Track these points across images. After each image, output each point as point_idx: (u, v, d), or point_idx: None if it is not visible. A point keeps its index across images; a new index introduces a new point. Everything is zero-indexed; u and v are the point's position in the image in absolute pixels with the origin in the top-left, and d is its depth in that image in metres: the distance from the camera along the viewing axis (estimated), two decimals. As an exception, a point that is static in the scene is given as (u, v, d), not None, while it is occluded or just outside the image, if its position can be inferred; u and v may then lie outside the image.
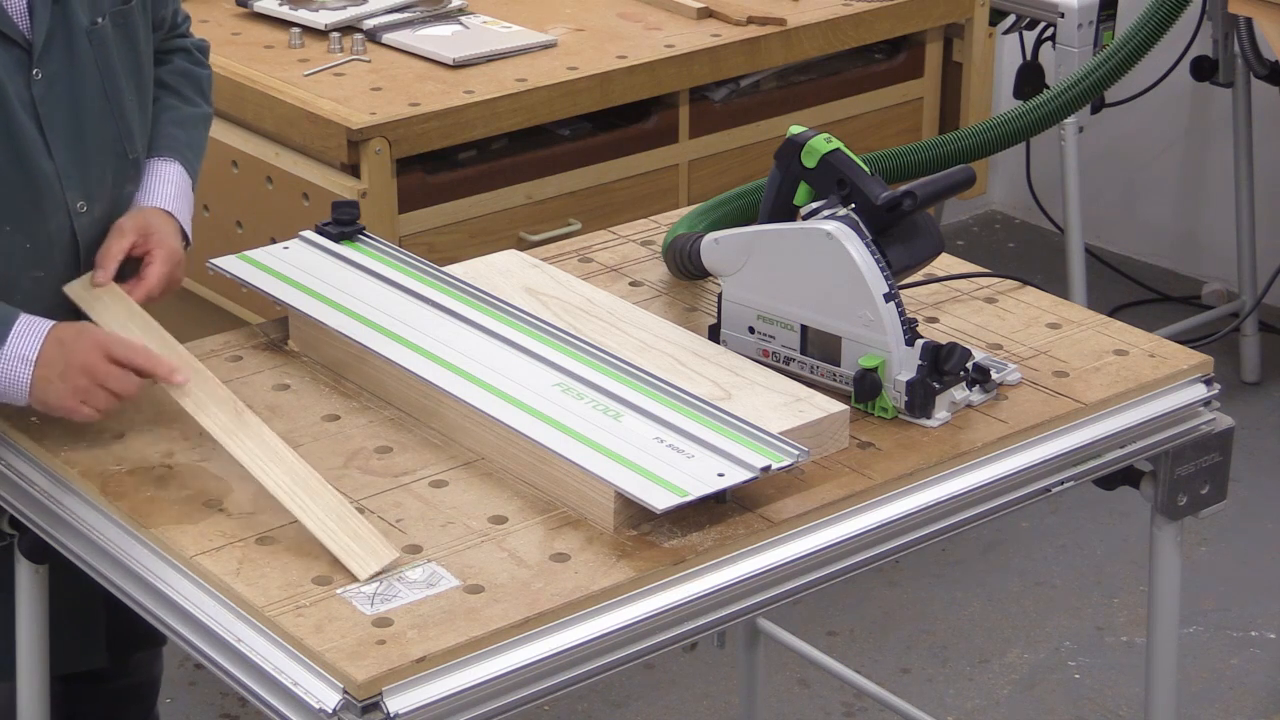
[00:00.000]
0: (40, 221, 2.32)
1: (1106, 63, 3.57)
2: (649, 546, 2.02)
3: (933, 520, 2.18)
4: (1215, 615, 3.80)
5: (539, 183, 3.38)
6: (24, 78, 2.26)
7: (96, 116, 2.34)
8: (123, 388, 2.18)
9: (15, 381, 2.18)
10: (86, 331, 2.22)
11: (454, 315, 2.37)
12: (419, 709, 1.83)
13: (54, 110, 2.29)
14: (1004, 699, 3.57)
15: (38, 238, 2.32)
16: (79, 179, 2.33)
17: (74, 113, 2.31)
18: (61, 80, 2.30)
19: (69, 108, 2.31)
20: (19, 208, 2.29)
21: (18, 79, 2.26)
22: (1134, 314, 4.80)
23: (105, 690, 2.76)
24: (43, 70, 2.27)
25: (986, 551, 4.01)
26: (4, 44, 2.24)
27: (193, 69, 2.58)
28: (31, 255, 2.32)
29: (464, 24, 3.56)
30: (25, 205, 2.30)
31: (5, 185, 2.27)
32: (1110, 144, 5.16)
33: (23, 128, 2.26)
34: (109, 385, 2.17)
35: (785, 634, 3.22)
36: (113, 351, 2.18)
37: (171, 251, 2.39)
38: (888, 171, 3.12)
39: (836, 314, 2.28)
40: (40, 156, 2.29)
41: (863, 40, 3.76)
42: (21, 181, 2.28)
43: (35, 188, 2.29)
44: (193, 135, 2.54)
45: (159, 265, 2.37)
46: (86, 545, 2.13)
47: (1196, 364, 2.42)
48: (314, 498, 2.04)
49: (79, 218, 2.35)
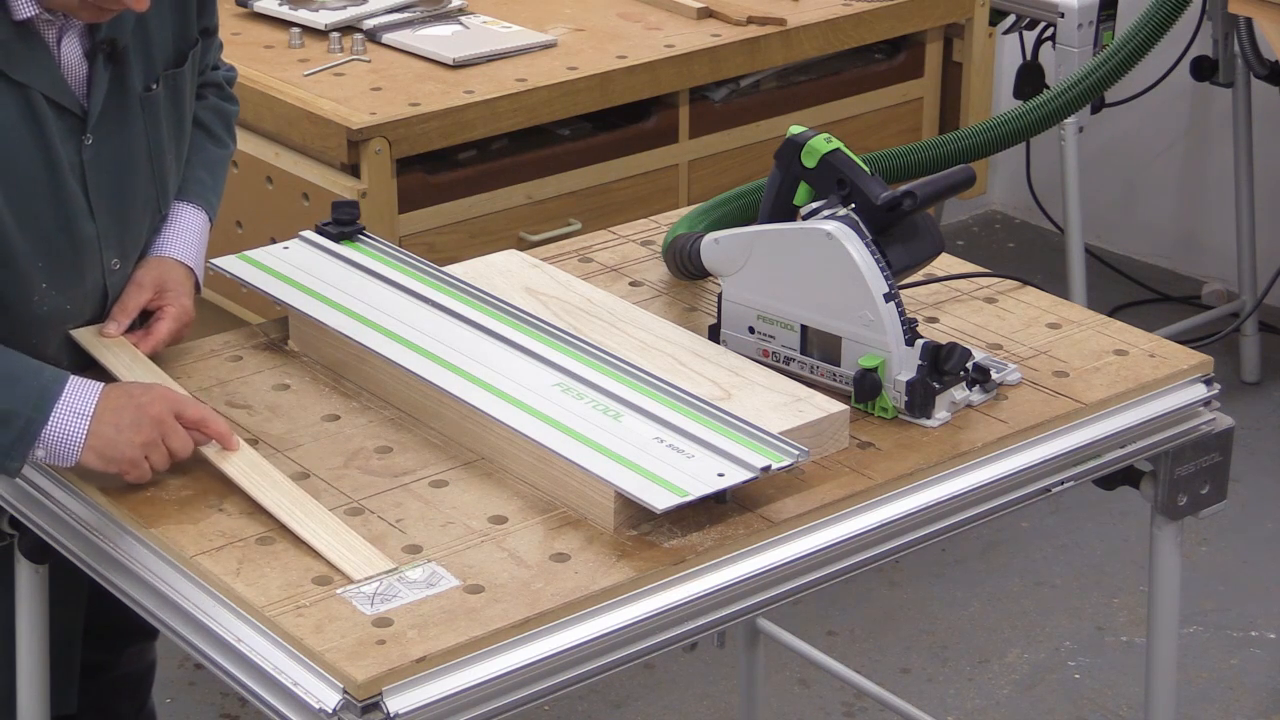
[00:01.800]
0: (79, 282, 2.31)
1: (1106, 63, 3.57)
2: (649, 546, 2.02)
3: (933, 520, 2.18)
4: (1215, 615, 3.80)
5: (539, 183, 3.38)
6: (75, 143, 2.24)
7: (140, 179, 2.33)
8: (183, 449, 2.13)
9: (69, 437, 2.11)
10: (154, 385, 2.19)
11: (454, 315, 2.37)
12: (419, 709, 1.83)
13: (100, 174, 2.27)
14: (1004, 699, 3.57)
15: (76, 298, 2.31)
16: (117, 239, 2.33)
17: (118, 176, 2.30)
18: (109, 144, 2.27)
19: (114, 171, 2.29)
20: (63, 270, 2.28)
21: (69, 145, 2.23)
22: (1134, 314, 4.80)
23: (99, 682, 2.76)
24: (94, 136, 2.25)
25: (986, 551, 4.01)
26: (60, 113, 2.21)
27: (225, 106, 2.58)
28: (69, 314, 2.32)
29: (464, 24, 3.56)
30: (68, 267, 2.28)
31: (51, 249, 2.25)
32: (1110, 144, 5.16)
33: (71, 193, 2.24)
34: (170, 442, 2.12)
35: (785, 634, 3.22)
36: (184, 411, 2.14)
37: (182, 311, 2.38)
38: (888, 171, 3.12)
39: (836, 314, 2.28)
40: (84, 219, 2.27)
41: (863, 40, 3.77)
42: (66, 244, 2.27)
43: (77, 249, 2.28)
44: (218, 178, 2.54)
45: (168, 323, 2.36)
46: (86, 545, 2.13)
47: (1196, 364, 2.42)
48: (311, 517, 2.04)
49: (111, 275, 2.35)
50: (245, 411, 2.28)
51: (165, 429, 2.12)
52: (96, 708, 2.79)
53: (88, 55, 2.24)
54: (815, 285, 2.29)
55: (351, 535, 2.01)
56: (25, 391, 2.11)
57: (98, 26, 2.22)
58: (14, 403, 2.10)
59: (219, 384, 2.34)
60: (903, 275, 2.36)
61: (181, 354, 2.40)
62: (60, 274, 2.28)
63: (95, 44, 2.23)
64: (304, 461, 2.17)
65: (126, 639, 2.71)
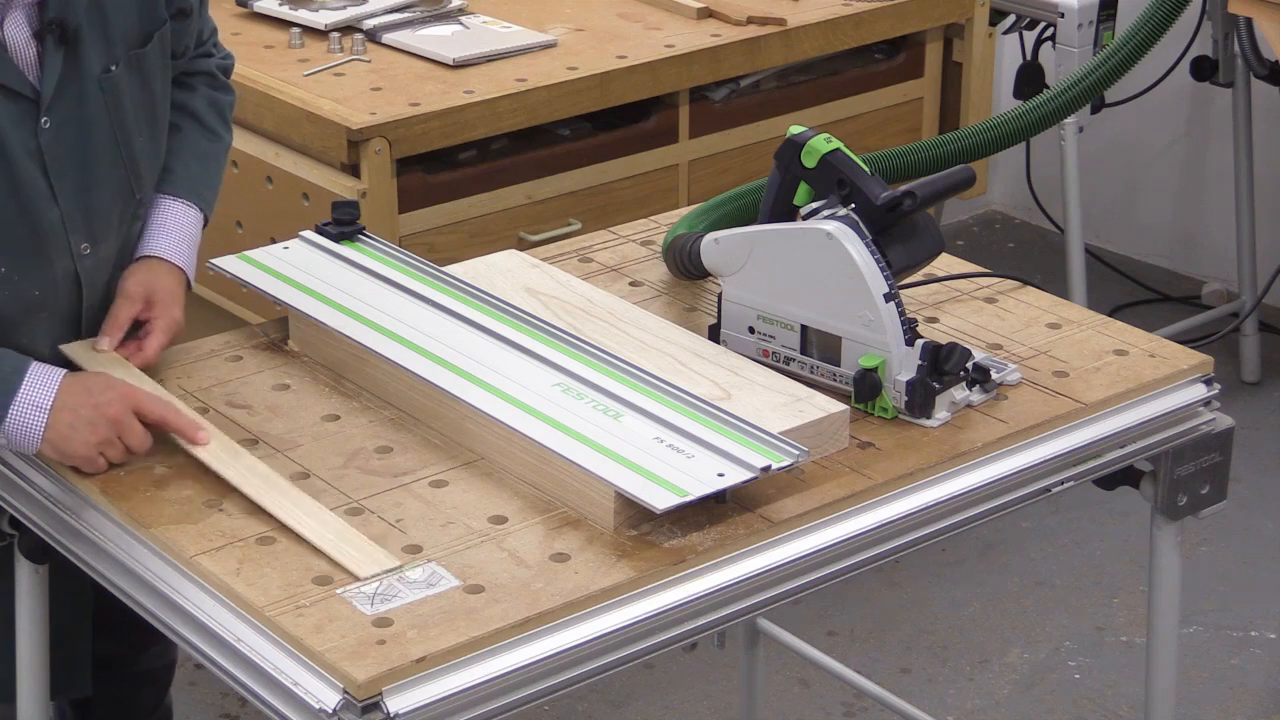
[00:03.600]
0: (46, 266, 2.29)
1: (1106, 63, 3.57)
2: (649, 546, 2.02)
3: (933, 520, 2.18)
4: (1215, 615, 3.80)
5: (539, 183, 3.38)
6: (30, 127, 2.22)
7: (105, 161, 2.30)
8: (140, 445, 2.14)
9: (28, 429, 2.14)
10: (115, 381, 2.18)
11: (454, 315, 2.37)
12: (419, 709, 1.83)
13: (61, 158, 2.25)
14: (1004, 699, 3.57)
15: (43, 283, 2.30)
16: (84, 223, 2.30)
17: (82, 159, 2.27)
18: (70, 127, 2.25)
19: (77, 154, 2.27)
20: (25, 255, 2.26)
21: (23, 129, 2.21)
22: (1134, 314, 4.80)
23: (121, 675, 2.76)
24: (51, 119, 2.23)
25: (986, 551, 4.01)
26: (9, 97, 2.19)
27: (218, 96, 2.54)
28: (38, 300, 2.30)
29: (464, 24, 3.56)
30: (30, 253, 2.26)
31: (11, 234, 2.24)
32: (1110, 144, 5.16)
33: (28, 177, 2.22)
34: (128, 440, 2.13)
35: (785, 634, 3.22)
36: (141, 405, 2.15)
37: (171, 322, 2.36)
38: (888, 171, 3.12)
39: (836, 314, 2.28)
40: (46, 204, 2.25)
41: (863, 40, 3.77)
42: (27, 230, 2.25)
43: (41, 235, 2.26)
44: (211, 171, 2.51)
45: (159, 335, 2.34)
46: (86, 545, 2.13)
47: (1196, 364, 2.42)
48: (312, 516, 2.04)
49: (83, 259, 2.32)
50: (245, 411, 2.28)
51: (122, 428, 2.13)
52: (116, 700, 2.80)
53: (36, 36, 2.21)
54: (815, 285, 2.29)
55: (354, 534, 2.01)
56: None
57: (45, 6, 2.19)
58: None
59: (219, 384, 2.34)
60: (903, 275, 2.36)
61: (181, 354, 2.40)
62: (22, 259, 2.26)
63: (45, 24, 2.20)
64: (304, 461, 2.17)
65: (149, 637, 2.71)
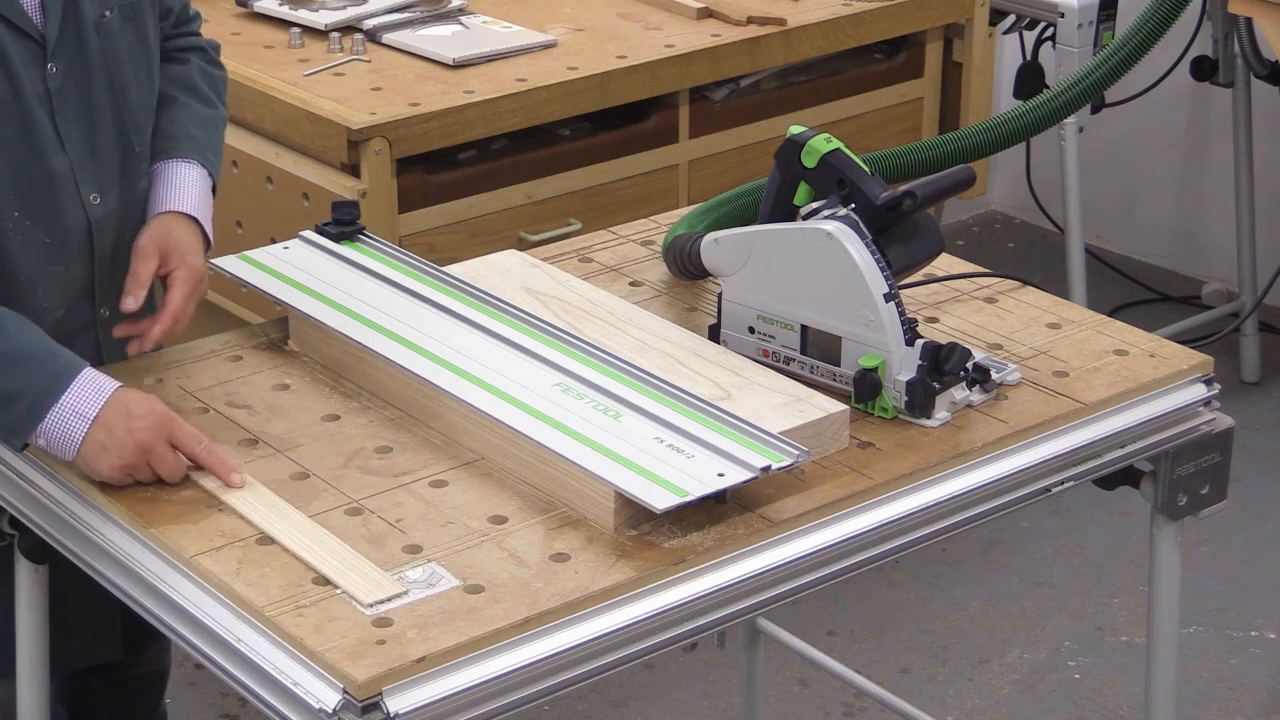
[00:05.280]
0: (58, 215, 2.32)
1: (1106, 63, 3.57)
2: (649, 546, 2.02)
3: (933, 520, 2.18)
4: (1215, 615, 3.80)
5: (539, 183, 3.38)
6: (39, 71, 2.27)
7: (104, 109, 2.35)
8: (171, 474, 2.11)
9: (67, 436, 2.12)
10: (155, 407, 2.14)
11: (454, 315, 2.37)
12: (419, 709, 1.82)
13: (67, 104, 2.30)
14: (1004, 699, 3.57)
15: (55, 232, 2.33)
16: (92, 171, 2.34)
17: (85, 106, 2.32)
18: (74, 74, 2.30)
19: (80, 101, 2.32)
20: (37, 202, 2.30)
21: (33, 73, 2.27)
22: (1134, 314, 4.80)
23: (116, 680, 2.76)
24: (56, 64, 2.28)
25: (986, 551, 4.01)
26: (20, 38, 2.25)
27: (211, 70, 2.58)
28: (50, 250, 2.33)
29: (464, 24, 3.56)
30: (43, 199, 2.30)
31: (24, 179, 2.28)
32: (1110, 144, 5.16)
33: (38, 122, 2.27)
34: (158, 468, 2.11)
35: (785, 634, 3.22)
36: (175, 435, 2.12)
37: (192, 270, 2.36)
38: (888, 171, 3.12)
39: (836, 314, 2.28)
40: (55, 150, 2.30)
41: (863, 40, 3.77)
42: (39, 175, 2.29)
43: (51, 181, 2.30)
44: (213, 137, 2.53)
45: (179, 287, 2.34)
46: (86, 545, 2.13)
47: (1196, 364, 2.42)
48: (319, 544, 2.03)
49: (93, 210, 2.35)
50: (245, 411, 2.28)
51: (152, 456, 2.10)
52: (112, 705, 2.79)
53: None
54: (815, 285, 2.29)
55: (361, 560, 1.99)
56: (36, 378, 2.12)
57: None
58: (21, 384, 2.11)
59: (219, 384, 2.34)
60: (903, 275, 2.36)
61: (181, 354, 2.40)
62: (34, 204, 2.29)
63: None
64: (304, 461, 2.17)
65: (148, 638, 2.71)
